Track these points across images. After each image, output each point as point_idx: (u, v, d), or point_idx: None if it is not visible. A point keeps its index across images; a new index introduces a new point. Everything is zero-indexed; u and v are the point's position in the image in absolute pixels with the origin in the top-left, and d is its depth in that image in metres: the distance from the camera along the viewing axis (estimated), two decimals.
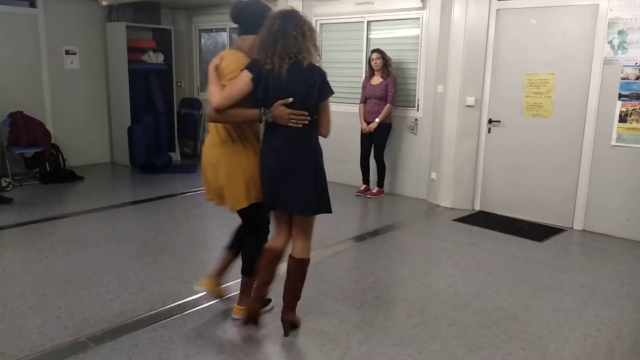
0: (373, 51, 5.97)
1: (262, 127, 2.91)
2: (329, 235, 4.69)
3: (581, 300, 3.55)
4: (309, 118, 2.70)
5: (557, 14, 5.04)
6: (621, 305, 3.47)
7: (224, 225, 5.24)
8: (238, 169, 2.84)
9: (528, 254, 4.44)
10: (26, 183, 6.58)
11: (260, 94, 2.68)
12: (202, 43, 8.69)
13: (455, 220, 5.36)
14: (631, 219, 4.78)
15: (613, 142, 4.80)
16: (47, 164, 6.80)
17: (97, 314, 3.19)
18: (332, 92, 2.77)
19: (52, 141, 6.96)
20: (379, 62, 5.90)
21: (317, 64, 2.75)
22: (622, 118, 4.72)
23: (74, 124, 7.61)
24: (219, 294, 3.31)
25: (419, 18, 6.02)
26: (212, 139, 2.94)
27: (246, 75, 2.65)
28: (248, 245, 3.10)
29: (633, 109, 4.66)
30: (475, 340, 2.99)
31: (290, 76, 2.64)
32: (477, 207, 5.73)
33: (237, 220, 3.17)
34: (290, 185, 2.75)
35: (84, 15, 7.56)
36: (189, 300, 3.41)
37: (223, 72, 2.74)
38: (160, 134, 8.20)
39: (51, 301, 3.36)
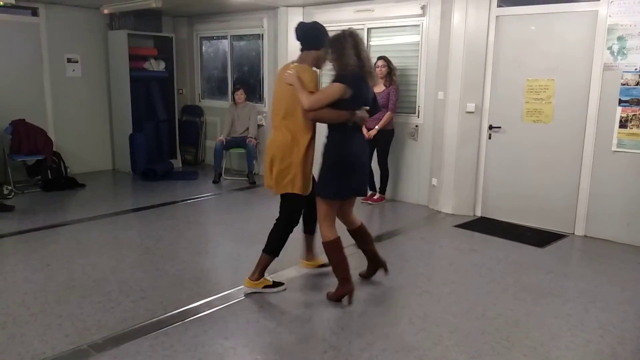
0: (379, 58, 5.94)
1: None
2: None
3: (583, 306, 3.54)
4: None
5: (556, 20, 5.06)
6: (623, 311, 3.47)
7: (225, 232, 5.26)
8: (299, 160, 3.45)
9: (529, 259, 4.44)
10: (28, 191, 6.59)
11: (352, 99, 3.31)
12: (203, 51, 8.72)
13: (456, 226, 5.36)
14: (632, 224, 4.77)
15: (614, 148, 4.80)
16: (49, 172, 6.82)
17: (98, 322, 3.19)
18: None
19: (54, 149, 6.98)
20: (384, 69, 5.90)
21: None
22: (623, 124, 4.72)
23: (76, 131, 7.64)
24: (318, 264, 4.01)
25: (419, 25, 6.04)
26: (276, 134, 3.50)
27: (339, 86, 3.27)
28: (280, 229, 3.57)
29: (633, 115, 4.67)
30: (476, 347, 2.98)
31: (367, 86, 3.41)
32: (478, 213, 5.73)
33: (237, 227, 3.17)
34: (362, 173, 3.53)
35: (85, 23, 7.60)
36: (190, 308, 3.41)
37: (304, 82, 3.32)
38: (161, 141, 8.22)
39: (52, 309, 3.36)
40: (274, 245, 3.56)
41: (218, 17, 8.12)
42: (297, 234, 3.74)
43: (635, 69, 4.61)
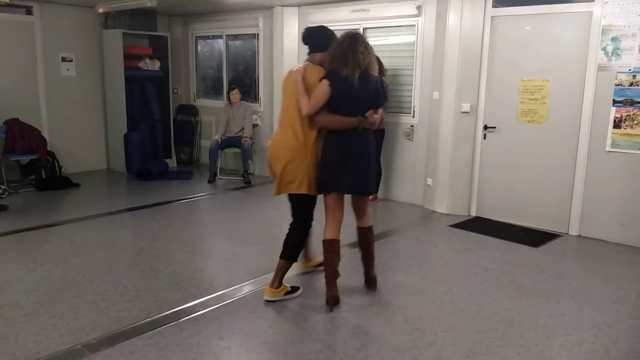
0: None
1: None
2: None
3: (577, 305, 3.56)
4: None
5: (551, 21, 5.07)
6: (617, 311, 3.48)
7: (220, 232, 5.25)
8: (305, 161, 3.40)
9: (524, 259, 4.45)
10: (22, 190, 6.56)
11: (336, 96, 3.27)
12: (198, 50, 8.70)
13: (451, 226, 5.37)
14: (626, 224, 4.80)
15: (608, 148, 4.82)
16: (43, 171, 6.78)
17: (92, 322, 3.18)
18: (388, 99, 3.48)
19: (48, 148, 6.95)
20: None
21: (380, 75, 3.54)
22: (617, 124, 4.75)
23: (70, 130, 7.61)
24: (316, 265, 3.95)
25: (414, 25, 6.05)
26: (283, 135, 3.44)
27: (325, 83, 3.28)
28: (295, 233, 3.50)
29: (627, 115, 4.69)
30: (471, 346, 2.99)
31: (360, 83, 3.29)
32: (473, 213, 5.74)
33: (232, 227, 3.16)
34: (359, 169, 3.42)
35: (80, 22, 7.57)
36: (185, 308, 3.40)
37: (309, 81, 3.34)
38: (156, 141, 8.19)
39: (46, 309, 3.35)
40: (291, 251, 3.49)
41: (213, 17, 8.11)
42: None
43: (629, 70, 4.63)
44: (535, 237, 5.02)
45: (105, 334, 3.03)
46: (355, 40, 3.32)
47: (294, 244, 3.50)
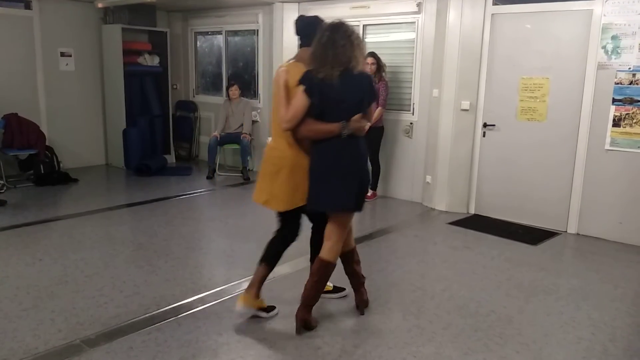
0: (368, 54, 5.94)
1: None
2: None
3: (575, 303, 3.57)
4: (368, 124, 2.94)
5: (551, 19, 5.07)
6: (615, 309, 3.49)
7: (219, 228, 5.25)
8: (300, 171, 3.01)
9: (522, 257, 4.46)
10: (20, 185, 6.55)
11: (315, 101, 2.81)
12: (197, 46, 8.68)
13: (450, 223, 5.37)
14: (624, 222, 4.81)
15: (607, 146, 4.83)
16: (42, 166, 6.77)
17: (91, 317, 3.18)
18: (377, 97, 2.91)
19: (47, 143, 6.93)
20: (373, 67, 5.88)
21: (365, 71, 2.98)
22: (616, 122, 4.75)
23: (69, 126, 7.59)
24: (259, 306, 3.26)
25: (414, 22, 6.04)
26: (279, 144, 3.05)
27: (300, 91, 2.82)
28: (279, 239, 3.19)
29: (626, 114, 4.69)
30: (469, 343, 2.99)
31: (342, 83, 2.80)
32: (472, 211, 5.75)
33: (230, 223, 3.16)
34: (339, 184, 2.91)
35: (79, 17, 7.54)
36: (183, 303, 3.40)
37: (290, 86, 2.91)
38: (155, 137, 8.18)
39: (45, 304, 3.35)
40: (275, 259, 3.20)
41: (213, 12, 8.09)
42: (305, 233, 3.45)
43: (629, 68, 4.63)
44: (533, 235, 5.03)
45: (104, 330, 3.03)
46: (336, 32, 2.82)
47: (278, 252, 3.20)
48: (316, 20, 3.09)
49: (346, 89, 2.83)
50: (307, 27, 3.07)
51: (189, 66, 8.73)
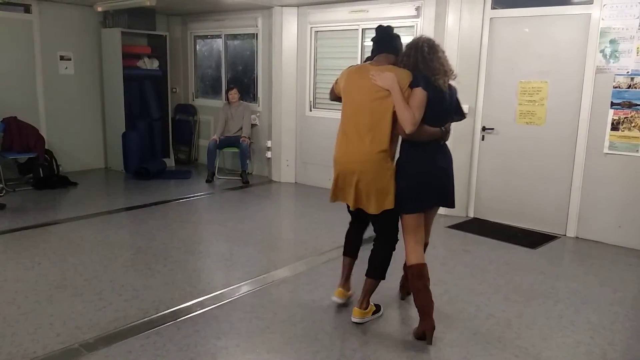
0: (367, 59, 5.94)
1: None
2: (323, 242, 4.69)
3: (574, 307, 3.57)
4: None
5: (550, 23, 5.09)
6: (614, 312, 3.49)
7: (218, 232, 5.24)
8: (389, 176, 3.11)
9: (521, 261, 4.46)
10: (19, 189, 6.55)
11: (435, 106, 3.00)
12: (197, 49, 8.69)
13: (449, 227, 5.37)
14: (623, 226, 4.81)
15: (605, 150, 4.84)
16: (41, 170, 6.77)
17: (89, 321, 3.18)
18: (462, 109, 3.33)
19: (46, 147, 6.94)
20: None
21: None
22: (615, 126, 4.76)
23: (68, 129, 7.59)
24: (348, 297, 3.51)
25: (413, 26, 6.05)
26: (362, 148, 3.08)
27: (422, 92, 2.95)
28: (383, 250, 3.28)
29: (625, 117, 4.70)
30: (469, 347, 2.99)
31: (449, 93, 3.11)
32: (471, 214, 5.75)
33: (229, 227, 3.15)
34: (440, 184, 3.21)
35: (79, 21, 7.55)
36: (182, 307, 3.40)
37: (402, 87, 2.96)
38: (154, 140, 8.19)
39: (43, 308, 3.34)
40: (380, 269, 3.25)
41: (212, 16, 8.10)
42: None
43: (627, 72, 4.65)
44: (532, 239, 5.03)
45: (103, 334, 3.03)
46: (435, 47, 3.08)
47: (382, 262, 3.27)
48: (394, 32, 3.23)
49: (450, 100, 3.13)
50: (395, 36, 3.20)
51: (188, 70, 8.74)
